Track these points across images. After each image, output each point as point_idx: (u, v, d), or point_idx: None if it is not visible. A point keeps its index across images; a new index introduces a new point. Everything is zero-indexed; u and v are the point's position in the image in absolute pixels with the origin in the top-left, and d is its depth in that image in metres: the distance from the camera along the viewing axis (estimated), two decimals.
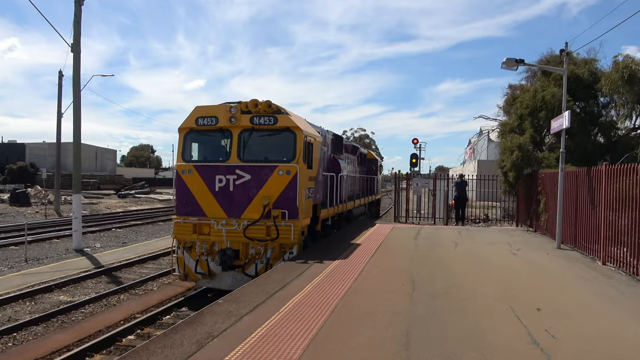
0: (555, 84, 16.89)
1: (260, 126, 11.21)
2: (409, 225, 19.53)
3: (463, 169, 43.55)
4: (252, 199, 11.06)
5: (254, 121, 11.20)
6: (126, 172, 72.41)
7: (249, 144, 11.35)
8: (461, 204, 19.57)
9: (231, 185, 11.13)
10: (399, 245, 13.49)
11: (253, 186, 11.07)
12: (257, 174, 11.05)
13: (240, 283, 10.03)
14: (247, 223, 10.92)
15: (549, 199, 14.89)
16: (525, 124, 17.43)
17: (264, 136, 11.40)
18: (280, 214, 10.83)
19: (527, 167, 16.61)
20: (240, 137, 11.31)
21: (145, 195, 48.38)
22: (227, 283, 11.18)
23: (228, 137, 11.45)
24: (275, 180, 10.92)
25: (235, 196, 11.16)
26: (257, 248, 11.09)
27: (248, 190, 11.11)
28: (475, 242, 13.91)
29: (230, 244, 11.08)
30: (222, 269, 11.10)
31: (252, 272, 11.01)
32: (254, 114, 11.22)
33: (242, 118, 11.22)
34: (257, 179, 11.04)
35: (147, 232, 24.61)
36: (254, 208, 11.01)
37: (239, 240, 11.05)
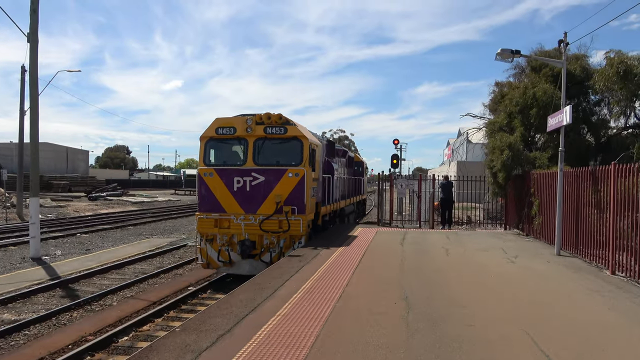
0: (547, 80, 15.94)
1: (272, 135, 12.93)
2: (394, 229, 18.37)
3: (443, 170, 42.70)
4: (266, 197, 12.78)
5: (267, 131, 12.90)
6: (99, 174, 69.99)
7: (262, 150, 13.02)
8: (447, 206, 18.50)
9: (248, 186, 12.84)
10: (385, 251, 12.29)
11: (267, 186, 12.78)
12: (270, 176, 12.78)
13: (257, 269, 12.12)
14: (262, 218, 12.66)
15: (543, 201, 13.86)
16: (514, 122, 16.43)
17: (276, 144, 13.07)
18: (291, 209, 12.57)
19: (517, 168, 15.59)
20: (255, 144, 12.99)
21: (118, 198, 46.46)
22: (245, 269, 12.88)
23: (244, 145, 13.14)
24: (285, 181, 12.67)
25: (252, 195, 12.84)
26: (270, 239, 12.82)
27: (262, 189, 12.80)
28: (467, 248, 12.78)
29: (248, 236, 12.80)
30: (242, 257, 12.85)
31: (267, 259, 12.75)
32: (267, 124, 12.92)
33: (257, 128, 12.91)
34: (270, 180, 12.77)
35: (114, 237, 23.00)
36: (267, 205, 12.74)
37: (256, 233, 12.76)
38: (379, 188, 20.20)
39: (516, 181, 16.64)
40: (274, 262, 11.67)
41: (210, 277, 14.53)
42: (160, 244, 21.02)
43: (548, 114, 15.47)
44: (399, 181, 19.33)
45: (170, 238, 23.07)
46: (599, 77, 14.56)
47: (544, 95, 15.38)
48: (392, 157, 34.37)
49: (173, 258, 18.05)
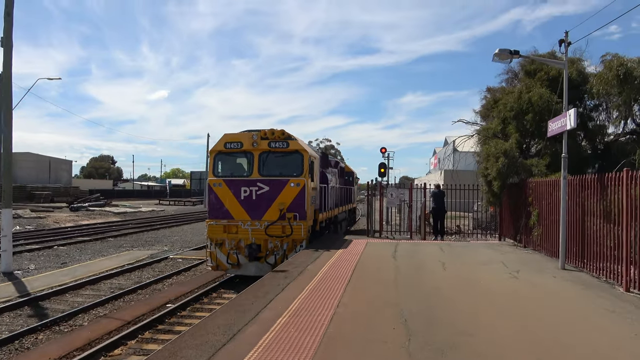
0: (542, 85, 15.23)
1: (275, 149, 13.91)
2: (384, 240, 17.50)
3: (431, 179, 42.03)
4: (270, 205, 13.73)
5: (271, 145, 13.89)
6: (83, 184, 68.32)
7: (267, 162, 14.00)
8: (439, 216, 17.67)
9: (254, 195, 13.79)
10: (378, 266, 11.40)
11: (271, 195, 13.72)
12: (274, 185, 13.73)
13: (262, 270, 13.08)
14: (267, 223, 13.63)
15: (542, 211, 13.09)
16: (509, 128, 15.69)
17: (279, 157, 14.02)
18: (293, 216, 13.52)
19: (513, 176, 14.83)
20: (260, 157, 13.96)
21: (100, 208, 45.04)
22: (251, 270, 13.75)
23: (250, 158, 14.07)
24: (288, 190, 13.62)
25: (257, 203, 13.78)
26: (275, 243, 13.78)
27: (267, 198, 13.76)
28: (464, 262, 11.93)
29: (255, 240, 13.74)
30: (249, 259, 13.81)
31: (272, 261, 13.67)
32: (271, 139, 13.91)
33: (262, 143, 13.92)
34: (274, 190, 13.71)
35: (93, 249, 21.82)
36: (272, 212, 13.70)
37: (261, 237, 13.70)
38: (368, 197, 19.33)
39: (512, 190, 15.87)
40: (278, 264, 12.67)
41: (190, 292, 13.57)
42: (141, 256, 19.92)
43: (544, 119, 14.78)
44: (389, 190, 18.48)
45: (152, 250, 21.96)
46: (597, 81, 13.86)
47: (539, 100, 14.67)
48: (380, 165, 33.56)
49: (153, 272, 16.98)
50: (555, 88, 15.06)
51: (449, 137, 72.17)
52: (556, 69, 15.39)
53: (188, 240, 26.01)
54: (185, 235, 28.80)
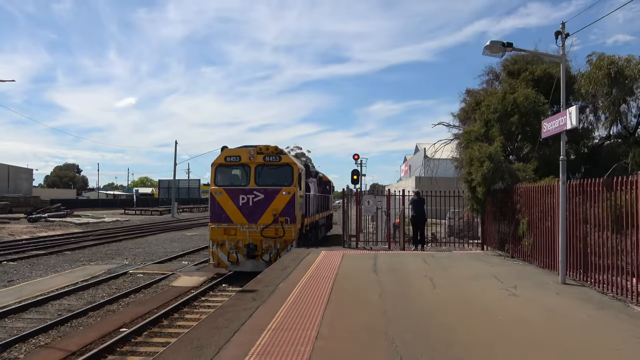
0: (527, 85, 14.23)
1: (269, 162, 15.56)
2: (361, 251, 16.17)
3: (402, 187, 41.10)
4: (265, 210, 15.23)
5: (266, 159, 15.56)
6: (44, 193, 65.06)
7: (262, 174, 15.55)
8: (419, 224, 16.42)
9: (250, 202, 15.26)
10: (358, 283, 10.05)
11: (265, 202, 15.22)
12: (268, 194, 15.27)
13: (258, 267, 14.61)
14: (262, 226, 15.18)
15: (533, 219, 11.98)
16: (492, 131, 14.63)
17: (272, 169, 15.64)
18: (285, 220, 15.09)
19: (498, 181, 13.73)
20: (256, 169, 15.55)
21: (60, 219, 42.51)
22: (249, 267, 15.31)
23: (247, 170, 15.67)
24: (280, 198, 15.15)
25: (253, 209, 15.26)
26: (269, 243, 15.32)
27: (262, 204, 15.23)
28: (454, 277, 10.67)
29: (252, 241, 15.30)
30: (247, 257, 15.36)
31: (267, 259, 15.24)
32: (265, 154, 15.58)
33: (257, 157, 15.55)
34: (268, 197, 15.23)
35: (47, 265, 19.85)
36: (266, 216, 15.22)
37: (257, 238, 15.27)
38: (343, 205, 18.01)
39: (496, 196, 14.80)
40: (272, 261, 14.30)
41: (149, 313, 12.01)
42: (97, 272, 18.09)
43: (530, 121, 13.78)
44: (365, 198, 17.18)
45: (110, 264, 20.11)
46: (587, 81, 12.95)
47: (525, 101, 13.65)
48: (353, 172, 32.33)
49: (109, 290, 15.26)
50: (541, 89, 14.10)
51: (419, 144, 71.77)
52: (541, 68, 14.45)
53: (152, 253, 24.13)
54: (150, 247, 26.89)
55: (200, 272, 17.78)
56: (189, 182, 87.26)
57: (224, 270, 16.27)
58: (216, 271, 16.87)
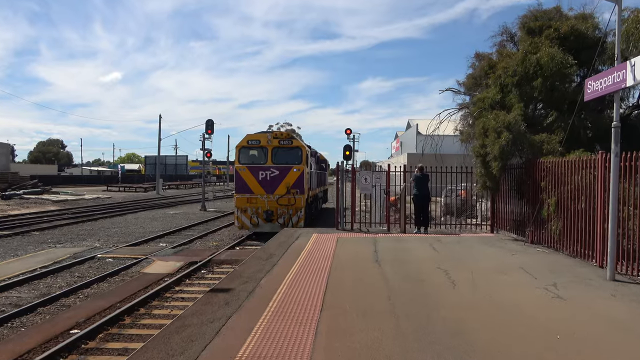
0: (551, 44, 12.14)
1: (283, 145, 18.57)
2: (357, 234, 14.21)
3: (401, 161, 39.04)
4: (280, 184, 18.13)
5: (280, 142, 18.62)
6: (23, 169, 62.10)
7: (277, 154, 18.50)
8: (423, 204, 14.46)
9: (268, 177, 18.21)
10: (358, 279, 8.08)
11: (280, 177, 18.15)
12: (282, 170, 18.18)
13: (274, 228, 17.69)
14: (278, 196, 18.11)
15: (563, 199, 10.05)
16: (509, 97, 12.58)
17: (285, 150, 18.56)
18: (295, 191, 18.01)
19: (519, 154, 11.77)
20: (272, 150, 18.49)
21: (36, 196, 40.11)
22: (267, 228, 18.15)
23: (265, 151, 18.61)
24: (292, 174, 18.10)
25: (270, 182, 18.19)
26: (283, 210, 18.16)
27: (277, 179, 18.16)
28: (473, 269, 8.69)
29: (269, 208, 18.22)
30: (265, 221, 18.30)
31: (281, 221, 18.19)
32: (280, 138, 18.81)
33: (274, 141, 18.61)
34: (282, 173, 18.17)
35: (8, 247, 17.65)
36: (281, 188, 18.10)
37: (274, 206, 18.19)
38: (337, 183, 15.96)
39: (511, 172, 12.87)
40: (286, 224, 17.84)
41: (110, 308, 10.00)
42: (61, 256, 15.96)
43: (556, 85, 11.74)
44: (363, 174, 15.15)
45: (79, 247, 17.95)
46: (623, 38, 10.84)
47: (550, 61, 11.60)
48: (345, 147, 30.36)
49: (71, 278, 13.16)
50: (567, 48, 12.04)
51: (412, 121, 69.59)
52: (568, 25, 12.36)
53: (128, 233, 21.96)
54: (127, 226, 24.72)
55: (178, 256, 15.76)
56: (176, 158, 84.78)
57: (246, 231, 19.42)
58: (191, 259, 14.97)
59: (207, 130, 31.91)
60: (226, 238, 19.97)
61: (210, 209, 32.82)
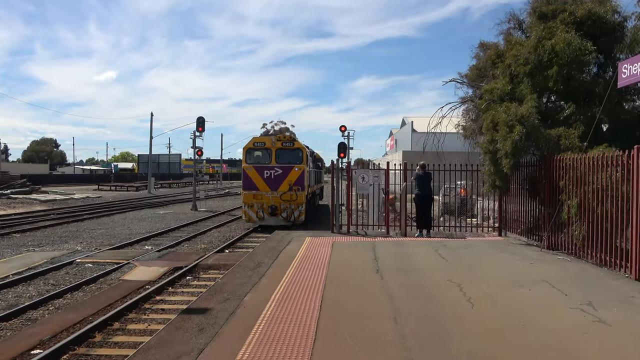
0: (567, 29, 10.91)
1: (286, 147, 20.24)
2: (354, 238, 12.98)
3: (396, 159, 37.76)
4: (283, 181, 19.58)
5: (283, 144, 20.33)
6: (15, 169, 60.59)
7: (280, 155, 20.06)
8: (425, 205, 13.24)
9: (272, 175, 19.71)
10: (358, 298, 6.81)
11: (283, 175, 19.66)
12: (285, 169, 19.71)
13: (277, 222, 19.20)
14: (281, 193, 19.45)
15: (586, 201, 8.85)
16: (520, 88, 11.36)
17: (288, 151, 20.18)
18: (297, 188, 19.51)
19: (533, 151, 10.57)
20: (276, 152, 20.01)
21: (24, 196, 38.67)
22: (271, 222, 19.47)
23: (270, 152, 20.20)
24: (294, 172, 19.61)
25: (274, 180, 19.70)
26: (286, 205, 19.57)
27: (281, 177, 19.68)
28: (490, 282, 7.47)
29: (273, 203, 19.56)
30: (270, 215, 19.57)
31: (284, 216, 19.52)
32: (283, 141, 20.61)
33: (277, 143, 20.32)
34: (285, 172, 19.66)
35: None
36: (284, 186, 19.56)
37: (277, 201, 19.55)
38: (332, 182, 14.67)
39: (522, 170, 11.67)
40: (288, 218, 19.11)
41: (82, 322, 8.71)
42: (37, 261, 14.57)
43: (573, 74, 10.54)
44: (360, 173, 13.90)
45: (58, 251, 16.58)
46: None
47: (567, 48, 10.38)
48: (340, 145, 29.14)
49: (44, 286, 11.79)
50: (584, 34, 10.83)
51: (406, 118, 68.34)
52: (584, 8, 11.14)
53: (113, 235, 20.55)
54: (114, 227, 23.29)
55: (162, 261, 14.43)
56: (170, 157, 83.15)
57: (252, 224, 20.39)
58: (176, 264, 13.68)
59: (198, 128, 30.56)
60: (215, 240, 18.63)
61: (202, 209, 31.48)
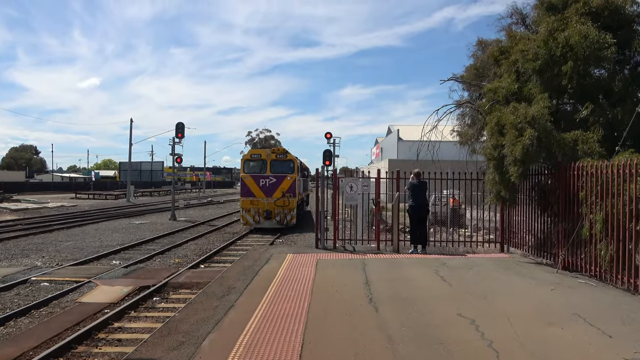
0: (581, 21, 9.57)
1: (279, 158, 22.22)
2: (342, 255, 11.41)
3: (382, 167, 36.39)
4: (277, 189, 21.48)
5: (277, 156, 22.29)
6: None
7: (274, 165, 22.04)
8: (420, 217, 11.73)
9: (267, 183, 21.58)
10: (349, 340, 5.25)
11: (277, 183, 21.56)
12: (279, 178, 21.72)
13: (272, 224, 21.25)
14: (275, 199, 21.40)
15: (614, 216, 7.45)
16: (529, 87, 9.99)
17: (281, 162, 22.23)
18: (289, 195, 21.47)
19: (545, 157, 9.17)
20: (270, 162, 22.03)
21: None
22: (266, 225, 21.41)
23: (265, 163, 22.17)
24: (286, 181, 21.56)
25: (269, 188, 21.59)
26: (279, 210, 21.49)
27: (275, 185, 21.58)
28: (510, 317, 5.95)
29: (268, 208, 21.47)
30: (265, 219, 21.44)
31: (278, 219, 21.46)
32: (277, 153, 22.57)
33: (271, 155, 22.35)
34: (278, 181, 21.60)
35: None
36: (278, 193, 21.47)
37: (272, 206, 21.47)
38: (317, 191, 13.06)
39: (529, 179, 10.27)
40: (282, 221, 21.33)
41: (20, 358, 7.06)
42: None
43: (588, 71, 9.19)
44: (348, 181, 12.35)
45: (15, 267, 14.71)
46: None
47: (584, 41, 9.03)
48: (325, 152, 27.60)
49: None
50: (602, 26, 9.51)
51: (392, 126, 67.19)
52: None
53: (81, 248, 18.63)
54: (84, 239, 21.32)
55: (127, 279, 12.69)
56: (152, 165, 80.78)
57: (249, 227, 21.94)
58: (143, 283, 11.98)
59: (177, 134, 28.86)
60: (191, 254, 16.90)
61: (181, 218, 29.69)
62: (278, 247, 14.24)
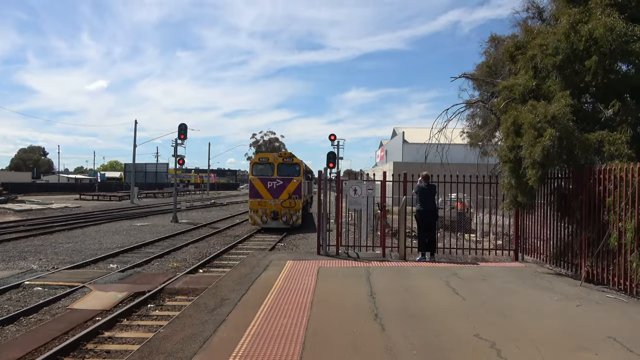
0: (605, 12, 8.79)
1: (286, 162, 23.32)
2: (345, 263, 10.64)
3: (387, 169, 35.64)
4: (283, 191, 22.56)
5: (284, 160, 23.41)
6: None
7: (281, 168, 23.08)
8: (429, 223, 10.93)
9: (274, 186, 22.64)
10: None
11: (284, 186, 22.65)
12: (285, 181, 22.78)
13: (278, 225, 22.27)
14: (282, 200, 22.45)
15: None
16: (547, 84, 9.22)
17: (287, 165, 23.27)
18: (295, 196, 22.58)
19: (566, 159, 8.39)
20: (278, 166, 23.12)
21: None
22: (273, 225, 22.40)
23: (272, 166, 23.25)
24: (292, 183, 22.66)
25: (276, 190, 22.64)
26: (285, 210, 22.56)
27: (282, 187, 22.65)
28: (536, 340, 5.16)
29: (275, 209, 22.53)
30: (272, 219, 22.49)
31: (284, 219, 22.56)
32: (284, 157, 23.67)
33: (278, 158, 23.52)
34: (285, 183, 22.69)
35: None
36: (284, 194, 22.55)
37: (279, 207, 22.54)
38: (319, 194, 12.27)
39: (548, 183, 9.48)
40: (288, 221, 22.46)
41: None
42: None
43: (614, 67, 8.41)
44: (352, 184, 11.54)
45: (10, 270, 14.01)
46: None
47: (609, 34, 8.27)
48: (329, 154, 26.96)
49: None
50: (629, 17, 8.72)
51: (397, 129, 66.36)
52: None
53: (79, 250, 17.97)
54: (83, 241, 20.69)
55: (123, 284, 11.99)
56: (157, 166, 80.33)
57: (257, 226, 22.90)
58: (139, 288, 11.28)
59: (180, 136, 28.25)
60: (191, 257, 16.21)
61: (183, 221, 29.02)
62: (278, 253, 13.51)
